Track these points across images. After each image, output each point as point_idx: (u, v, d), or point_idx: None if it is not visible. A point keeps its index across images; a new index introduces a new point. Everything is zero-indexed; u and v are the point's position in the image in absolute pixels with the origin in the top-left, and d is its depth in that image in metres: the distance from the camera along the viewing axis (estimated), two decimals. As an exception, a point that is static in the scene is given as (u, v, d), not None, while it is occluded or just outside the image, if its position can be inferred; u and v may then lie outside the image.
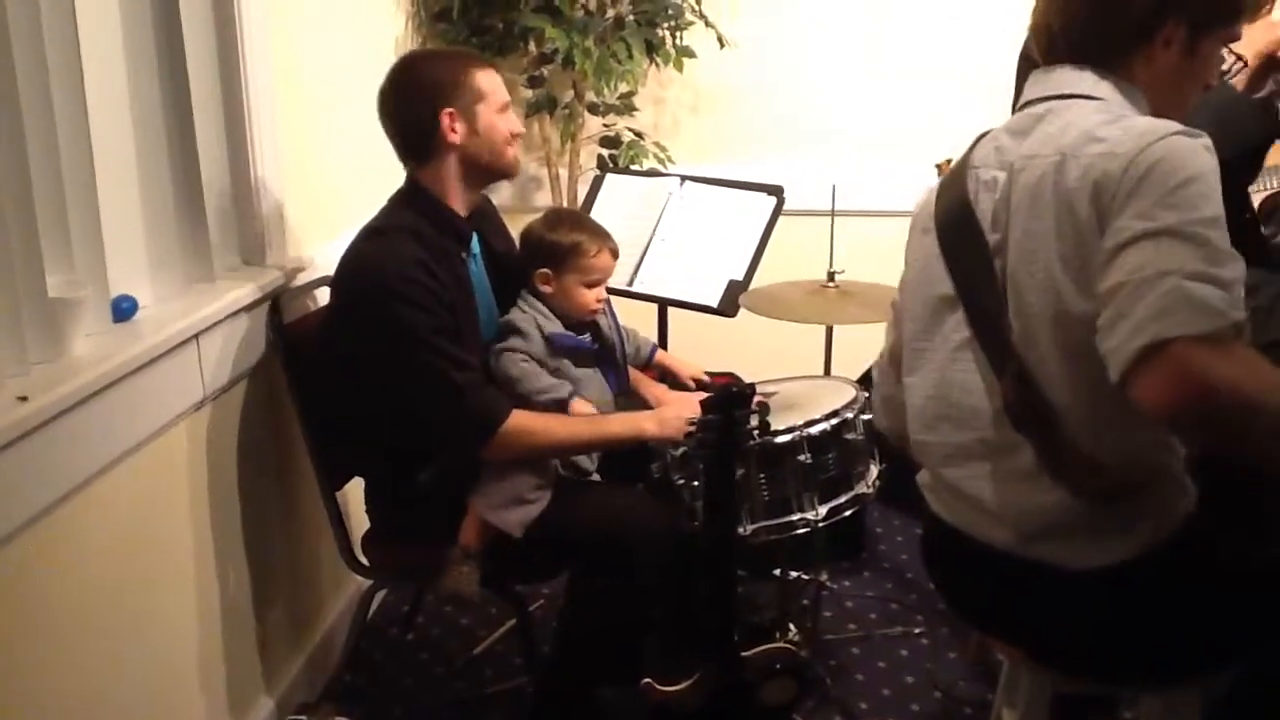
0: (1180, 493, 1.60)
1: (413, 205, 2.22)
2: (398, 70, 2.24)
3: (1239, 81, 2.16)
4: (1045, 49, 1.66)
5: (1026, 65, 2.58)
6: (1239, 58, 2.14)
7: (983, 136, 1.70)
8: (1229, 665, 1.69)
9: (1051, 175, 1.51)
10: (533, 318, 2.29)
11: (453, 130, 2.18)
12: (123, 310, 1.97)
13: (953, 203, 1.67)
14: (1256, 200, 2.89)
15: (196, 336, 2.09)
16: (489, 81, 2.21)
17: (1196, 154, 1.44)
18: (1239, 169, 2.23)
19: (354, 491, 2.44)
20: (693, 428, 1.90)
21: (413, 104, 2.20)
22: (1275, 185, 2.67)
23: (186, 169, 2.18)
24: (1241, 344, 1.36)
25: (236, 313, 2.22)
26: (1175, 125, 1.47)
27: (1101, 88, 1.59)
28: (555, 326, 2.30)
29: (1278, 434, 1.39)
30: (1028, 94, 1.67)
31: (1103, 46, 1.60)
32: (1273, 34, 2.14)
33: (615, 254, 2.37)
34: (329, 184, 2.75)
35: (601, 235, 2.36)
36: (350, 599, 2.87)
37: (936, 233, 1.69)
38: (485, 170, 2.24)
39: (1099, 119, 1.52)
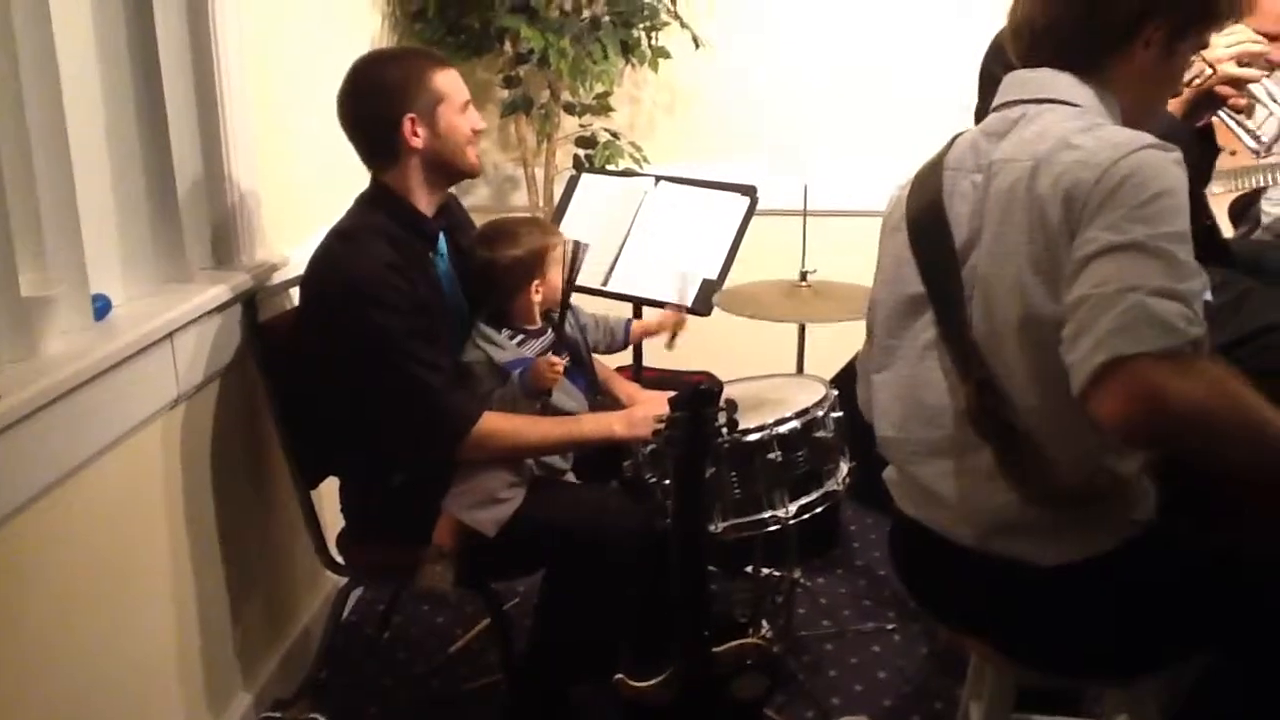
0: (1140, 498, 1.62)
1: (379, 207, 2.23)
2: (355, 74, 2.22)
3: (1176, 105, 2.17)
4: (1025, 49, 1.68)
5: (989, 81, 2.61)
6: (1209, 65, 2.16)
7: (958, 137, 1.72)
8: (1190, 659, 1.72)
9: (1025, 180, 1.53)
10: (484, 353, 2.27)
11: (415, 135, 2.18)
12: (97, 309, 1.98)
13: (925, 203, 1.68)
14: (1226, 200, 2.93)
15: (170, 335, 2.10)
16: (448, 82, 2.21)
17: (1168, 168, 1.46)
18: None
19: (329, 489, 2.45)
20: (661, 425, 1.92)
21: (373, 109, 2.19)
22: (1243, 187, 2.71)
23: (160, 167, 2.19)
24: (1201, 359, 1.37)
25: (210, 312, 2.23)
26: (1148, 138, 1.49)
27: (1079, 93, 1.61)
28: (509, 353, 2.28)
29: (1236, 446, 1.42)
30: (1003, 95, 1.68)
31: (1086, 46, 1.62)
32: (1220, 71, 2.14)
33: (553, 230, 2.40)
34: (303, 183, 2.76)
35: (543, 223, 2.43)
36: (326, 597, 2.88)
37: (908, 232, 1.71)
38: (448, 171, 2.25)
39: (1074, 126, 1.54)
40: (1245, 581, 1.63)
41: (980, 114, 2.59)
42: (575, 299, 2.44)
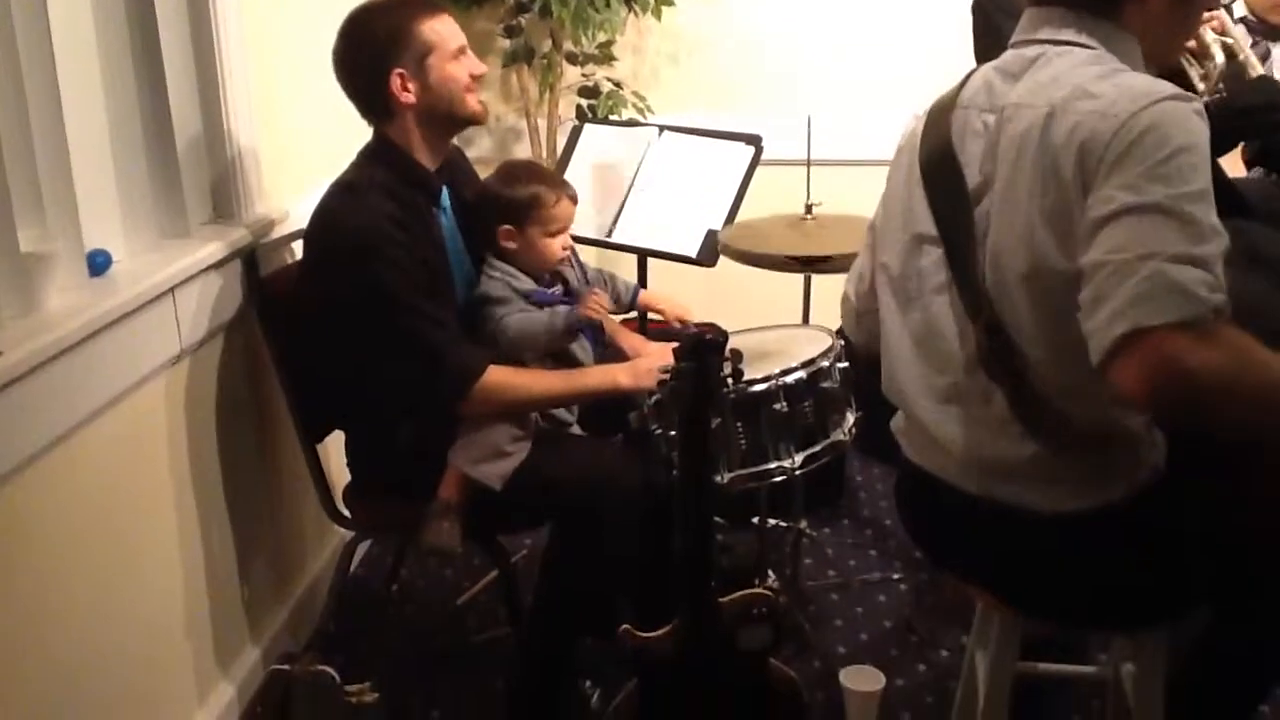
0: (1150, 447, 1.61)
1: (381, 160, 2.20)
2: (343, 30, 2.18)
3: None
4: None
5: (981, 16, 2.56)
6: None
7: (973, 73, 1.68)
8: (1196, 608, 1.72)
9: (1039, 128, 1.49)
10: (504, 281, 2.27)
11: (405, 90, 2.14)
12: (97, 265, 1.97)
13: (937, 143, 1.65)
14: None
15: (172, 290, 2.09)
16: (437, 30, 2.16)
17: (1189, 120, 1.41)
18: None
19: (335, 443, 2.45)
20: (666, 376, 1.91)
21: (361, 67, 2.16)
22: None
23: (158, 122, 2.17)
24: (1223, 325, 1.34)
25: (212, 266, 2.22)
26: (1168, 88, 1.45)
27: (1096, 35, 1.57)
28: (528, 284, 2.29)
29: (1263, 412, 1.39)
30: (1020, 33, 1.64)
31: None
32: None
33: (574, 200, 2.35)
34: (303, 136, 2.74)
35: (558, 183, 2.35)
36: (333, 550, 2.89)
37: (920, 169, 1.67)
38: (448, 121, 2.22)
39: (1092, 72, 1.50)
40: (1251, 534, 1.63)
41: (978, 53, 2.55)
42: (583, 255, 2.43)
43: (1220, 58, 2.01)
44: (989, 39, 2.48)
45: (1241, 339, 1.37)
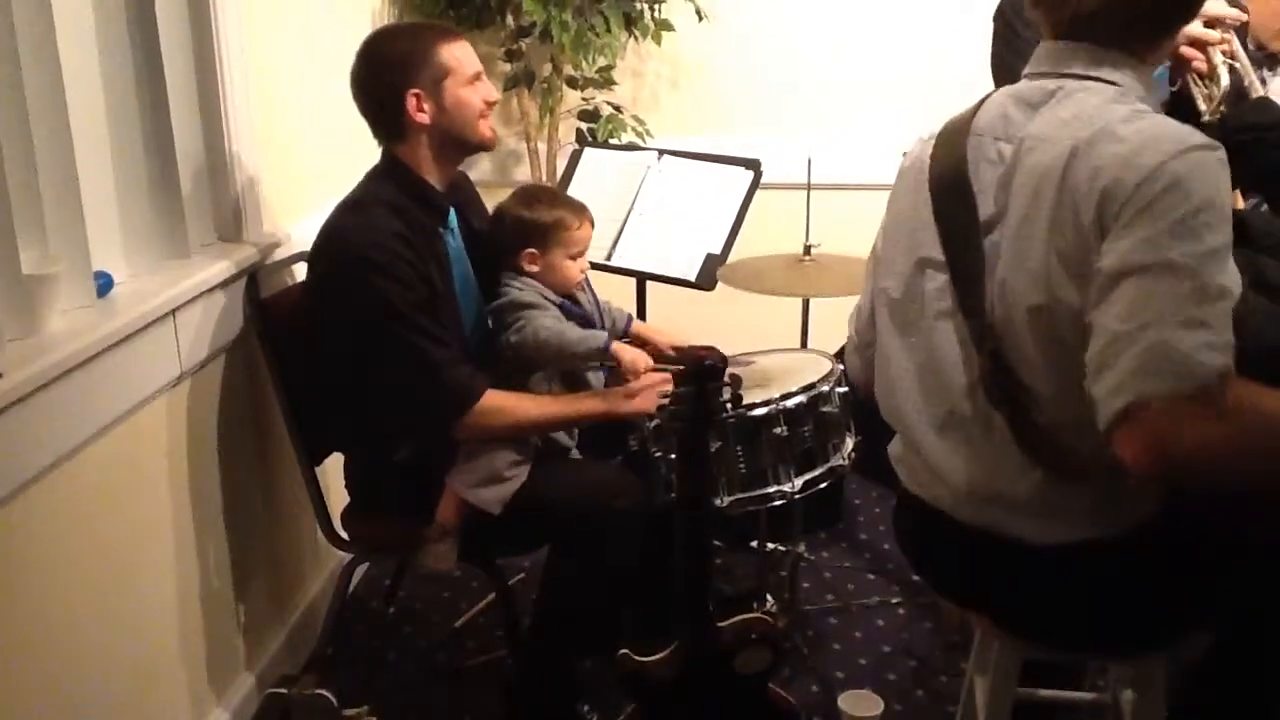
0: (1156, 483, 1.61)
1: (390, 179, 2.22)
2: (363, 50, 2.21)
3: None
4: (1066, 22, 1.58)
5: (1002, 23, 2.55)
6: (1243, 8, 2.12)
7: (988, 97, 1.65)
8: (1195, 634, 1.71)
9: (1060, 166, 1.47)
10: (536, 290, 2.29)
11: (420, 111, 2.16)
12: (98, 286, 1.97)
13: (949, 167, 1.62)
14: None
15: (173, 312, 2.09)
16: (455, 55, 2.19)
17: (1213, 172, 1.40)
18: None
19: (334, 465, 2.45)
20: (665, 401, 1.91)
21: (378, 86, 2.18)
22: None
23: (160, 144, 2.18)
24: (1228, 388, 1.33)
25: (213, 288, 2.22)
26: (1195, 137, 1.42)
27: (1121, 73, 1.55)
28: (556, 298, 2.30)
29: (1269, 476, 1.41)
30: (1037, 64, 1.62)
31: (1138, 30, 1.56)
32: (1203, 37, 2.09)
33: (593, 224, 2.37)
34: (305, 159, 2.75)
35: (579, 207, 2.36)
36: (331, 573, 2.88)
37: (930, 192, 1.65)
38: (459, 145, 2.24)
39: (1117, 113, 1.47)
40: (1251, 561, 1.62)
41: (996, 62, 2.54)
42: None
43: (1226, 80, 2.02)
44: (1008, 45, 2.47)
45: (1249, 399, 1.36)
